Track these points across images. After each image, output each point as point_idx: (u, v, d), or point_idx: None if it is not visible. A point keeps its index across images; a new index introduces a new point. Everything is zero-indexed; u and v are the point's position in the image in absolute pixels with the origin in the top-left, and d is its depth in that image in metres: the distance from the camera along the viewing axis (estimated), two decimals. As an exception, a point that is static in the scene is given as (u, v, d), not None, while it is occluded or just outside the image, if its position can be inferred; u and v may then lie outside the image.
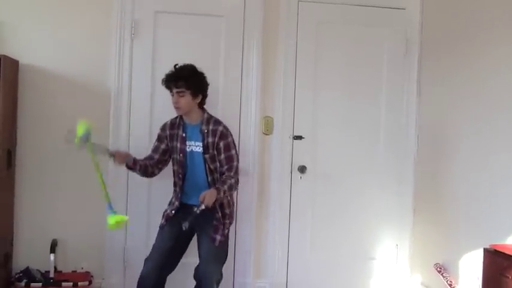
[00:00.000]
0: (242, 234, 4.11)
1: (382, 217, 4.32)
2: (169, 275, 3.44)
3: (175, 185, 3.54)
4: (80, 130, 3.19)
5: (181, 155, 3.45)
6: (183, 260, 3.50)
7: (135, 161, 3.45)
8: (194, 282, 3.41)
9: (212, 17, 4.05)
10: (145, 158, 3.55)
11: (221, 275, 3.39)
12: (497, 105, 3.44)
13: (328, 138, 4.25)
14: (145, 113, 3.96)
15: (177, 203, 3.49)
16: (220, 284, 3.41)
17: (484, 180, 3.53)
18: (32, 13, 3.83)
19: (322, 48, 4.21)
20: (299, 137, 4.19)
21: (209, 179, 3.42)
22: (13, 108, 3.74)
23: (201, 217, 3.25)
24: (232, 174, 3.39)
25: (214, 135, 3.39)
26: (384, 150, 4.32)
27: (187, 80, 3.35)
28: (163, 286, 3.44)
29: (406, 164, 4.32)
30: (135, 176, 3.90)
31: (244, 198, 4.10)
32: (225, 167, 3.40)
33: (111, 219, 3.16)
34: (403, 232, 4.34)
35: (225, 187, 3.29)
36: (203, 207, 3.16)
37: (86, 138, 3.19)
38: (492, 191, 3.45)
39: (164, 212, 3.53)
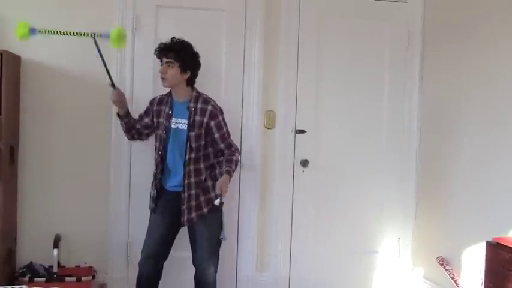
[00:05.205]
0: (245, 228, 4.12)
1: (385, 210, 4.32)
2: (164, 270, 3.52)
3: (156, 163, 3.52)
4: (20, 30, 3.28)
5: (164, 131, 3.44)
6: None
7: (128, 112, 3.55)
8: (188, 274, 3.48)
9: (213, 11, 4.03)
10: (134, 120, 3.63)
11: (217, 260, 3.48)
12: (500, 98, 3.43)
13: (331, 132, 4.25)
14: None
15: (158, 185, 3.50)
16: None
17: (486, 174, 3.53)
18: (33, 8, 3.80)
19: (324, 42, 4.20)
20: (301, 131, 4.18)
21: (186, 157, 3.39)
22: (15, 103, 3.73)
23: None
24: (233, 149, 3.47)
25: (203, 114, 3.38)
26: (386, 143, 4.32)
27: (178, 52, 3.36)
28: (160, 275, 3.51)
29: (409, 158, 4.32)
30: (137, 170, 3.92)
31: (247, 192, 4.11)
32: (222, 145, 3.44)
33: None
34: (405, 225, 4.34)
35: (233, 166, 3.39)
36: (223, 200, 3.28)
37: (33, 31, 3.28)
38: (495, 184, 3.45)
39: (150, 194, 3.57)
